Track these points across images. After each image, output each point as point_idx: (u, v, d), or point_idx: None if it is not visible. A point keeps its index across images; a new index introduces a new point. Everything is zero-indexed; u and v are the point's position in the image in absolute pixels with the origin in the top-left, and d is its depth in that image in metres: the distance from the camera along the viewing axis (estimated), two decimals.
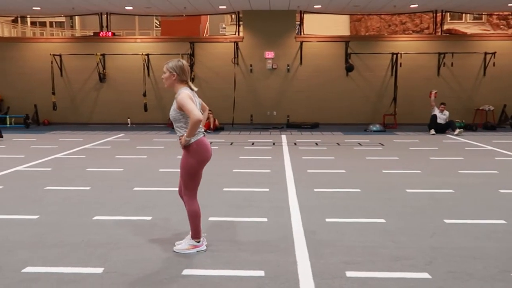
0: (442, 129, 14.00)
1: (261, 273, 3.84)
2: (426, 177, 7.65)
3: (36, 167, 8.61)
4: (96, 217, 5.37)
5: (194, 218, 4.30)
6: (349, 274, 3.81)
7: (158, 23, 31.88)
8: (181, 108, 4.09)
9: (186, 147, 4.18)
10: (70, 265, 3.98)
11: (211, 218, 5.35)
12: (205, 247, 4.34)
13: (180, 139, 4.20)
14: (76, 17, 27.81)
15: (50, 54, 16.13)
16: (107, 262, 4.07)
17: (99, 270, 3.89)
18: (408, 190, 6.72)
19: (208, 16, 20.94)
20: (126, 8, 15.57)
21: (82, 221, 5.23)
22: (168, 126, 16.21)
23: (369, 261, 4.08)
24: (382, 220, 5.27)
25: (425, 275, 3.80)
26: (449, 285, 3.61)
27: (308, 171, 8.21)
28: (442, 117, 14.06)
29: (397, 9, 15.98)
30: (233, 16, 24.90)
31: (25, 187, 6.98)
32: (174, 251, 4.31)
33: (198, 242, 4.33)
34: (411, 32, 23.97)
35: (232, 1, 14.66)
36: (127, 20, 24.55)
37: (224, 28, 27.74)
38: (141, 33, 27.85)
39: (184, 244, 4.33)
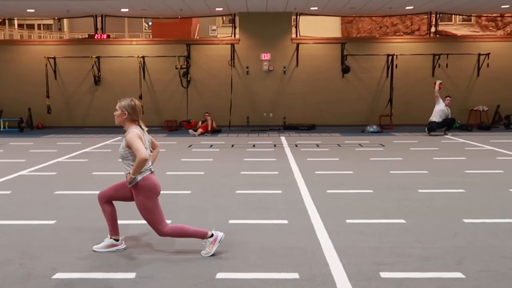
0: (439, 126, 13.96)
1: (295, 275, 3.83)
2: (435, 178, 7.70)
3: (40, 172, 8.50)
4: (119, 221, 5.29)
5: (184, 233, 4.29)
6: (384, 275, 3.82)
7: (147, 26, 31.78)
8: (129, 146, 4.15)
9: (134, 185, 4.20)
10: (101, 271, 3.93)
11: (231, 221, 5.33)
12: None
13: (127, 176, 4.23)
14: (65, 19, 27.64)
15: (45, 57, 15.93)
16: (138, 267, 4.02)
17: (132, 275, 3.85)
18: (420, 191, 6.76)
19: (199, 18, 20.83)
20: (122, 10, 15.47)
21: (102, 226, 5.13)
22: (165, 129, 16.13)
23: (400, 262, 4.09)
24: (402, 221, 5.30)
25: (459, 274, 3.82)
26: (484, 285, 3.64)
27: (316, 172, 8.22)
28: (445, 111, 13.90)
29: (392, 11, 16.12)
30: (223, 18, 24.89)
31: (34, 192, 6.88)
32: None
33: (117, 240, 4.43)
34: (402, 33, 24.19)
35: (229, 3, 14.65)
36: (117, 22, 24.39)
37: (214, 30, 27.68)
38: (131, 35, 27.73)
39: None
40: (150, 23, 30.02)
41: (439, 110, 13.88)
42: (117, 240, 4.42)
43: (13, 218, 5.48)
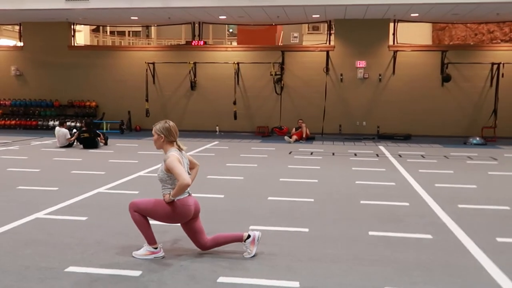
0: None
1: None
2: None
3: (156, 173, 8.72)
4: (252, 227, 5.28)
5: (142, 225, 4.29)
6: None
7: (228, 32, 32.30)
8: (169, 171, 4.13)
9: (170, 202, 4.22)
10: (261, 277, 3.87)
11: (371, 233, 5.14)
12: (163, 254, 4.31)
13: (164, 196, 4.26)
14: (152, 27, 28.68)
15: (145, 62, 16.57)
16: (296, 274, 3.94)
17: (296, 284, 3.76)
18: None
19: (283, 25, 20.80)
20: (220, 17, 15.76)
21: (239, 230, 5.13)
22: (256, 134, 16.23)
23: None
24: None
25: None
26: None
27: (436, 185, 7.84)
28: None
29: (500, 17, 15.26)
30: (309, 25, 24.75)
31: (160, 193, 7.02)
32: (132, 256, 4.31)
33: (156, 248, 4.31)
34: (499, 41, 22.89)
35: (328, 10, 14.51)
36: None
37: (296, 37, 27.60)
38: (215, 41, 28.29)
39: (142, 250, 4.32)
40: (231, 30, 30.59)
41: None
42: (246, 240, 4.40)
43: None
